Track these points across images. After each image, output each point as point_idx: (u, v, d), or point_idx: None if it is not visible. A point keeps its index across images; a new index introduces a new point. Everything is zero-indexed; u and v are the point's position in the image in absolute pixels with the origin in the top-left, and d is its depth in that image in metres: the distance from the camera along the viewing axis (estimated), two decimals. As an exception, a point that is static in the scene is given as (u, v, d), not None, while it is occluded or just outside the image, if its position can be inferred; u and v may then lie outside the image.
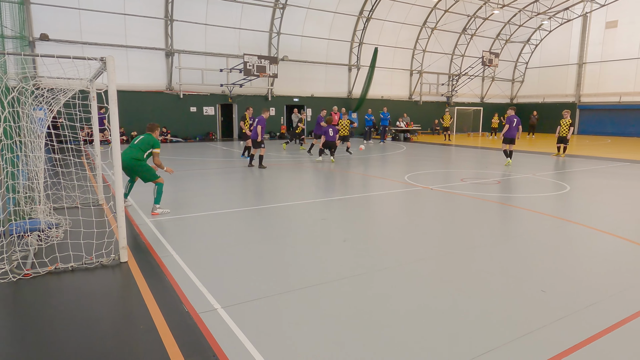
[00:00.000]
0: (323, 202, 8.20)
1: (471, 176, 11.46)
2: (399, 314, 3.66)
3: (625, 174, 11.98)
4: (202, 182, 10.27)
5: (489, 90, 36.24)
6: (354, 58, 28.12)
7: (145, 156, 7.00)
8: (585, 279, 4.52)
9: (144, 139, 7.09)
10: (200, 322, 3.47)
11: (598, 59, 31.67)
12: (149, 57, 21.69)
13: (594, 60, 31.92)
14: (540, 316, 3.63)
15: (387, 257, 5.10)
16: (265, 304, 3.83)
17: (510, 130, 13.48)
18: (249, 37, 24.03)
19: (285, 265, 4.84)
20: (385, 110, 23.30)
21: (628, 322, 3.54)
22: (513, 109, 13.85)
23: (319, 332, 3.36)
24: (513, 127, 13.44)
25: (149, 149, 7.02)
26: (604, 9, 30.86)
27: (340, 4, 25.59)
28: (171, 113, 22.52)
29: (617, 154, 17.71)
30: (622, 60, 30.16)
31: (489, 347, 3.15)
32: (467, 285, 4.31)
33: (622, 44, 30.14)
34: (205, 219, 6.80)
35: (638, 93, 29.55)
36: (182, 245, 5.42)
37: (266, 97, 25.57)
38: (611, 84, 30.98)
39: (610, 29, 30.78)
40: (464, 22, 31.16)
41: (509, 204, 8.04)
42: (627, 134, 30.20)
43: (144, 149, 6.99)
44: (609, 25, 30.80)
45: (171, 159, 15.07)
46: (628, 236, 5.98)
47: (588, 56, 32.28)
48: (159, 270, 4.61)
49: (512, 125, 13.46)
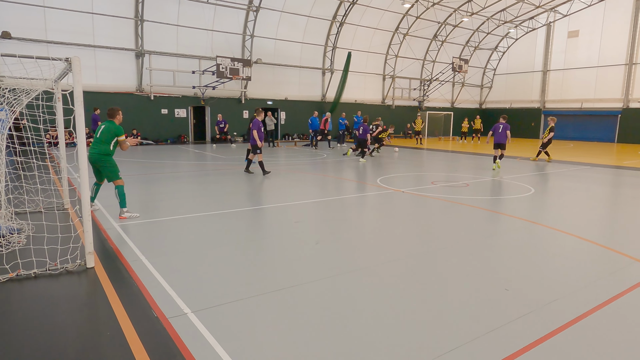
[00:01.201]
0: (296, 205, 8.21)
1: (441, 179, 11.73)
2: (367, 315, 3.72)
3: (586, 177, 12.54)
4: (173, 185, 10.11)
5: (459, 95, 37.19)
6: (327, 62, 28.31)
7: (111, 148, 6.73)
8: (546, 277, 4.71)
9: (105, 128, 6.73)
10: (170, 327, 3.42)
11: (561, 67, 33.04)
12: (119, 58, 21.20)
13: (558, 68, 33.28)
14: (503, 314, 3.76)
15: (358, 259, 5.17)
16: (237, 307, 3.81)
17: (496, 136, 14.11)
18: (221, 39, 23.84)
19: (257, 268, 4.83)
20: (359, 114, 23.55)
21: (586, 317, 3.71)
22: (504, 117, 14.44)
23: (290, 334, 3.38)
24: (499, 133, 14.05)
25: (113, 138, 6.69)
26: (566, 19, 32.24)
27: (314, 8, 25.74)
28: (142, 115, 22.05)
29: (579, 157, 18.50)
30: (583, 68, 31.57)
31: (454, 345, 3.24)
32: (434, 285, 4.42)
33: (583, 53, 31.57)
34: (176, 222, 6.70)
35: (598, 100, 30.99)
36: (151, 250, 5.32)
37: (239, 100, 25.40)
38: (573, 90, 32.37)
39: (572, 38, 32.18)
40: (434, 29, 31.90)
41: (476, 206, 8.28)
42: (588, 138, 31.61)
43: (108, 140, 6.68)
44: (571, 34, 32.21)
45: (141, 162, 14.76)
46: (586, 236, 6.27)
47: (552, 64, 33.62)
48: (127, 275, 4.52)
49: (498, 131, 14.07)
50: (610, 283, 4.51)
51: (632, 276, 4.70)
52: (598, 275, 4.73)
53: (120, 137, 6.74)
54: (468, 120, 30.63)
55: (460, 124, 30.93)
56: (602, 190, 10.64)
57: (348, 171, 13.39)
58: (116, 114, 6.87)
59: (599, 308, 3.90)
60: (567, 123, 32.85)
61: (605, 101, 30.61)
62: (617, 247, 5.74)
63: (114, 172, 6.81)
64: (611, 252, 5.55)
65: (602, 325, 3.59)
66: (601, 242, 5.98)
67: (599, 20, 30.44)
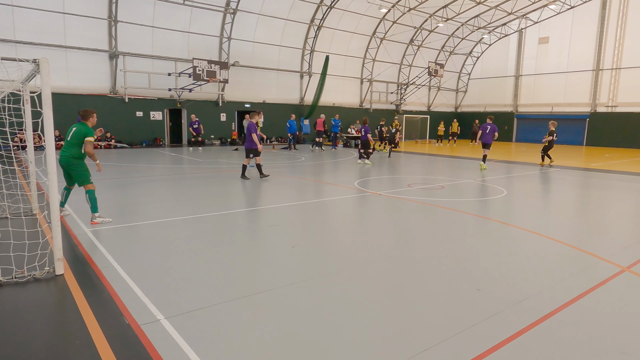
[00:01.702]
0: (273, 208, 8.19)
1: (418, 182, 11.90)
2: (342, 317, 3.74)
3: (556, 179, 12.94)
4: (148, 189, 9.92)
5: (435, 99, 37.84)
6: (305, 65, 28.37)
7: (83, 152, 6.52)
8: (517, 277, 4.83)
9: (76, 131, 6.50)
10: (142, 334, 3.36)
11: (532, 72, 34.04)
12: (91, 59, 20.71)
13: (529, 73, 34.28)
14: (476, 313, 3.84)
15: (334, 262, 5.19)
16: (211, 312, 3.77)
17: (484, 136, 14.69)
18: (198, 41, 23.60)
19: (232, 272, 4.79)
20: (337, 117, 23.70)
21: (554, 315, 3.83)
22: (490, 118, 15.08)
23: (265, 339, 3.36)
24: (487, 134, 14.61)
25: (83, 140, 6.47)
26: (537, 26, 33.27)
27: (292, 12, 25.78)
28: (115, 117, 21.57)
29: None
30: (553, 73, 32.63)
31: (427, 345, 3.29)
32: (408, 286, 4.48)
33: (553, 59, 32.64)
34: (150, 227, 6.58)
35: (567, 104, 32.06)
36: (124, 256, 5.21)
37: (217, 103, 25.17)
38: (544, 95, 33.41)
39: (543, 44, 33.23)
40: (411, 34, 32.40)
41: (450, 208, 8.43)
42: (558, 141, 32.39)
43: (79, 143, 6.47)
44: (542, 40, 33.25)
45: (115, 165, 14.44)
46: (555, 236, 6.47)
47: (524, 69, 34.62)
48: (98, 282, 4.41)
49: (486, 132, 14.63)
50: (577, 282, 4.66)
51: (598, 275, 4.87)
52: (566, 275, 4.89)
53: (88, 137, 6.47)
54: (444, 124, 31.28)
55: (436, 127, 31.50)
56: (571, 191, 11.00)
57: (326, 174, 13.43)
58: (90, 116, 6.64)
59: (567, 305, 4.03)
60: (539, 126, 33.81)
61: (574, 105, 31.69)
62: (584, 247, 5.95)
63: (85, 176, 6.63)
64: (578, 252, 5.74)
65: (570, 322, 3.71)
66: (569, 242, 6.19)
67: (568, 28, 31.54)
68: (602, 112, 30.24)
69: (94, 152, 6.59)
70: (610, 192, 10.77)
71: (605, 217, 8.15)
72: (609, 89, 29.90)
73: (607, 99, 30.00)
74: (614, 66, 29.44)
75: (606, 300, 4.20)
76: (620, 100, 29.42)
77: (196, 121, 20.72)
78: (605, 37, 29.66)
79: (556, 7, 31.25)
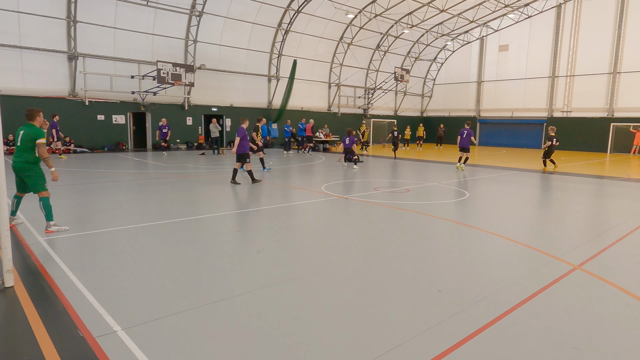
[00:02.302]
0: (239, 214, 8.09)
1: (384, 185, 12.07)
2: (306, 321, 3.74)
3: (516, 182, 13.45)
4: (108, 196, 9.59)
5: (402, 103, 38.58)
6: (273, 69, 28.30)
7: (36, 155, 6.19)
8: (476, 277, 4.98)
9: (24, 134, 6.14)
10: (97, 346, 3.23)
11: (494, 78, 35.32)
12: (49, 60, 19.88)
13: (490, 79, 35.55)
14: (436, 313, 3.93)
15: (299, 267, 5.18)
16: (172, 322, 3.68)
17: (461, 141, 15.66)
18: (163, 44, 23.11)
19: (195, 280, 4.69)
20: (304, 121, 23.77)
21: (511, 312, 3.97)
22: (468, 123, 15.97)
23: (226, 347, 3.31)
24: (464, 138, 15.56)
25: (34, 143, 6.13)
26: (497, 34, 34.58)
27: (259, 15, 25.67)
28: (75, 121, 20.78)
29: (510, 163, 19.81)
30: (513, 80, 33.97)
31: (390, 346, 3.34)
32: (371, 288, 4.53)
33: (512, 66, 34.00)
34: (109, 235, 6.36)
35: (526, 109, 33.44)
36: (80, 265, 5.01)
37: (183, 106, 24.69)
38: (505, 100, 34.72)
39: (503, 51, 34.55)
40: (377, 39, 32.94)
41: (416, 210, 8.60)
42: (518, 145, 33.93)
43: (31, 147, 6.13)
44: (502, 48, 34.57)
45: (74, 171, 13.88)
46: (513, 237, 6.72)
47: (485, 75, 35.87)
48: (51, 293, 4.22)
49: (463, 136, 15.56)
50: (533, 280, 4.85)
51: (552, 273, 5.09)
52: (522, 273, 5.08)
53: (39, 140, 6.15)
54: (410, 128, 31.93)
55: (403, 131, 32.10)
56: (529, 193, 11.46)
57: (293, 178, 13.41)
58: (36, 116, 6.28)
59: (523, 303, 4.18)
60: (500, 130, 35.13)
61: (532, 110, 33.08)
62: (539, 247, 6.20)
63: (40, 183, 6.31)
64: (534, 252, 5.98)
65: (525, 319, 3.85)
66: (525, 242, 6.43)
67: (526, 36, 32.96)
68: (558, 117, 31.71)
69: (48, 156, 6.29)
70: (565, 194, 11.29)
71: (559, 217, 8.53)
72: (564, 95, 31.41)
73: (563, 104, 31.50)
74: (568, 73, 30.97)
75: (559, 297, 4.39)
76: (574, 105, 30.97)
77: (166, 126, 20.22)
78: (560, 46, 31.18)
79: (515, 17, 32.59)
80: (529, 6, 31.38)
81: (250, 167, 11.93)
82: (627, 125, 27.91)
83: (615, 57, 28.64)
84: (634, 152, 27.43)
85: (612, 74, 28.86)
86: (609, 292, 4.57)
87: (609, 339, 3.56)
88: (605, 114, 29.38)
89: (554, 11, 31.19)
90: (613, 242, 6.52)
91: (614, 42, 28.64)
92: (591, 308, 4.16)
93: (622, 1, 28.07)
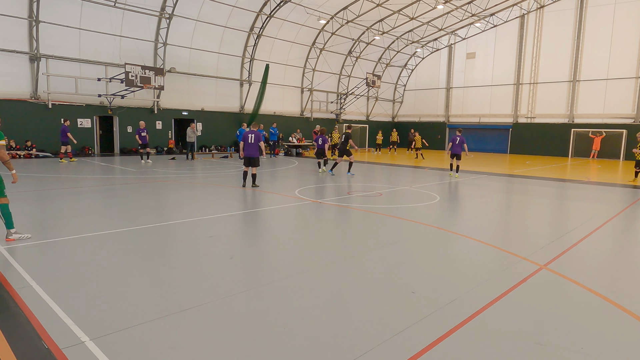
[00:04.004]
0: (211, 219, 7.97)
1: (357, 189, 12.18)
2: (279, 326, 3.72)
3: (484, 185, 13.85)
4: (72, 202, 9.25)
5: (374, 109, 39.08)
6: (245, 73, 28.11)
7: None
8: (447, 278, 5.09)
9: None
10: (63, 358, 3.11)
11: (461, 85, 36.34)
12: (9, 61, 19.03)
13: (458, 86, 36.56)
14: (410, 316, 3.99)
15: (272, 272, 5.15)
16: (141, 330, 3.58)
17: (453, 147, 15.81)
18: (131, 46, 22.55)
19: (165, 287, 4.59)
20: (275, 125, 23.79)
21: (481, 312, 4.07)
22: (460, 131, 16.13)
23: (198, 354, 3.25)
24: (456, 145, 15.73)
25: None
26: (465, 42, 35.64)
27: (231, 19, 25.48)
28: (37, 125, 19.95)
29: (478, 167, 20.38)
30: (480, 86, 35.07)
31: (364, 349, 3.36)
32: (344, 292, 4.55)
33: (479, 73, 35.11)
34: (75, 242, 6.13)
35: (493, 115, 34.56)
36: (44, 274, 4.81)
37: (152, 110, 24.15)
38: (472, 106, 35.79)
39: (470, 59, 35.63)
40: (349, 45, 33.30)
41: (387, 214, 8.72)
42: (486, 150, 35.00)
43: None
44: (469, 56, 35.65)
45: (36, 176, 13.32)
46: (482, 238, 6.91)
47: (453, 82, 36.86)
48: (12, 304, 4.02)
49: (455, 143, 15.74)
50: (501, 280, 5.00)
51: (519, 273, 5.26)
52: (491, 274, 5.23)
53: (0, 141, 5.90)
54: (382, 133, 32.41)
55: (375, 136, 32.55)
56: (496, 196, 11.82)
57: (267, 183, 13.33)
58: None
59: (492, 303, 4.30)
60: (468, 136, 36.03)
61: (498, 116, 34.21)
62: (507, 247, 6.40)
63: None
64: (502, 252, 6.17)
65: (494, 318, 3.97)
66: (493, 244, 6.63)
67: (492, 45, 34.13)
68: (522, 122, 32.92)
69: (9, 159, 6.01)
70: (530, 197, 11.71)
71: (525, 219, 8.84)
72: (528, 102, 32.66)
73: (527, 110, 32.73)
74: (531, 81, 32.24)
75: (526, 296, 4.55)
76: (537, 112, 32.24)
77: (144, 129, 18.94)
78: (523, 55, 32.44)
79: (481, 25, 33.68)
80: (494, 16, 32.51)
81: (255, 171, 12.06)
82: (587, 130, 29.28)
83: (575, 66, 30.04)
84: (592, 156, 28.79)
85: (572, 82, 30.24)
86: (572, 290, 4.77)
87: (573, 335, 3.71)
88: (567, 120, 30.73)
89: (518, 21, 32.44)
90: (576, 242, 6.81)
91: (574, 51, 30.05)
92: (556, 306, 4.32)
93: (581, 13, 29.53)
